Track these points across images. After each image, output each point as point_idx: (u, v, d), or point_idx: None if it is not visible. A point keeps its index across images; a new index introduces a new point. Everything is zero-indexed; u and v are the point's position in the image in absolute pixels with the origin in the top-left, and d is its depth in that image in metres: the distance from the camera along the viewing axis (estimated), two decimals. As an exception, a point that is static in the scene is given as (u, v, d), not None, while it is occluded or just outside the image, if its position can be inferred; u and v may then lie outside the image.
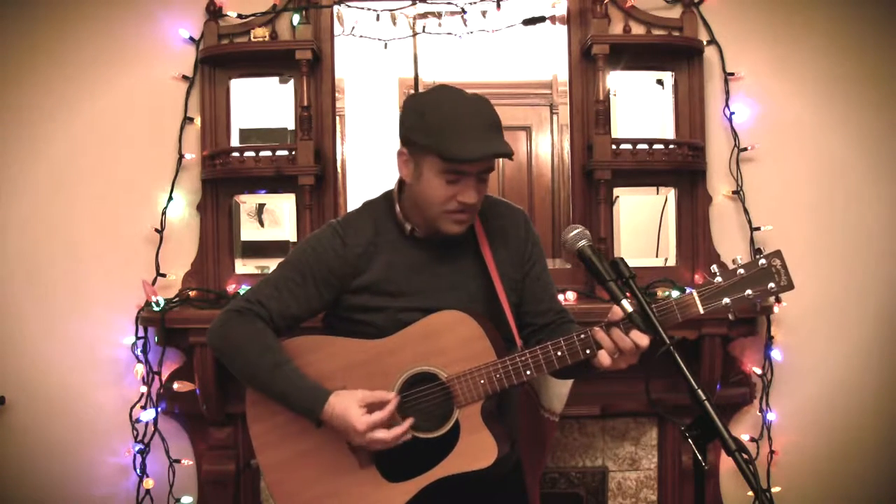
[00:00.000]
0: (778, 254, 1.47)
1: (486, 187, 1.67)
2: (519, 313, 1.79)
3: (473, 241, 1.74)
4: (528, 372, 1.60)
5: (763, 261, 1.47)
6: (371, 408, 1.61)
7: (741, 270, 1.47)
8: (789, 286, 1.46)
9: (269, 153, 2.63)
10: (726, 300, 1.47)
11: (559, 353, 1.58)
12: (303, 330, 1.77)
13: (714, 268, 1.49)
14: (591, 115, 2.66)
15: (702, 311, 1.48)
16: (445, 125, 1.57)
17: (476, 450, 1.62)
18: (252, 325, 1.70)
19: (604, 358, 1.54)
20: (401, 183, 1.74)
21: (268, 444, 1.75)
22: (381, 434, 1.59)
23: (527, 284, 1.79)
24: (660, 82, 2.84)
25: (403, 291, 1.70)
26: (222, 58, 2.67)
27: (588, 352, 1.56)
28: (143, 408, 2.68)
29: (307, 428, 1.68)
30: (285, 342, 1.73)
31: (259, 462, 1.76)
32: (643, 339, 1.50)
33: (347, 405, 1.61)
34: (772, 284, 1.46)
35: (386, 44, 2.98)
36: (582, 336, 1.56)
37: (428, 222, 1.68)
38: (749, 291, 1.47)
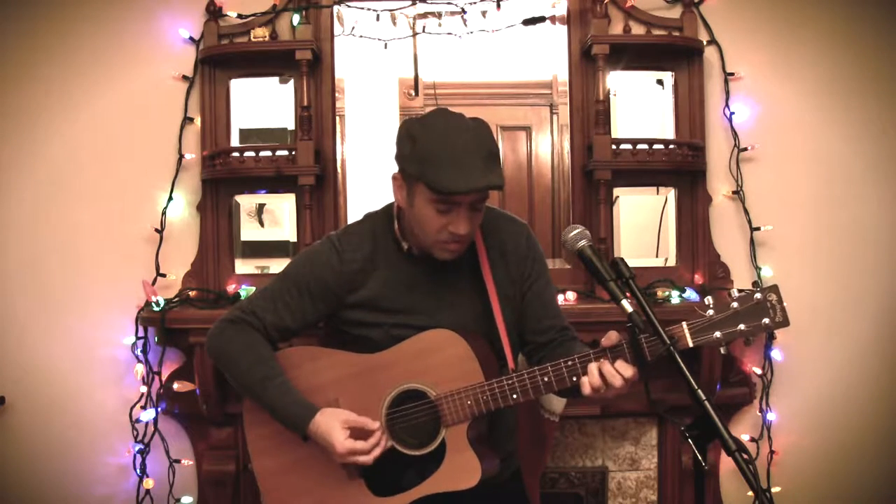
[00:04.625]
0: (774, 288, 1.45)
1: (480, 216, 1.65)
2: (520, 330, 1.79)
3: (473, 258, 1.73)
4: (515, 396, 1.60)
5: (759, 295, 1.44)
6: (354, 431, 1.62)
7: (735, 304, 1.45)
8: (784, 323, 1.44)
9: (269, 153, 2.62)
10: (717, 334, 1.45)
11: (545, 379, 1.57)
12: (302, 339, 1.78)
13: (708, 299, 1.47)
14: (591, 115, 2.66)
15: (691, 345, 1.47)
16: (435, 155, 1.55)
17: (460, 470, 1.62)
18: (246, 335, 1.72)
19: (585, 388, 1.53)
20: None
21: (262, 451, 1.77)
22: (361, 458, 1.62)
23: (527, 302, 1.77)
24: (660, 82, 2.84)
25: (399, 309, 1.71)
26: (222, 58, 2.67)
27: (574, 379, 1.55)
28: (143, 408, 2.68)
29: (298, 438, 1.69)
30: (281, 352, 1.75)
31: (253, 467, 1.77)
32: (627, 371, 1.49)
33: (331, 426, 1.62)
34: (766, 320, 1.44)
35: (386, 44, 2.99)
36: (569, 363, 1.55)
37: (422, 247, 1.69)
38: (742, 326, 1.44)
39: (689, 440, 1.37)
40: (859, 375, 2.79)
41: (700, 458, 1.38)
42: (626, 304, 1.45)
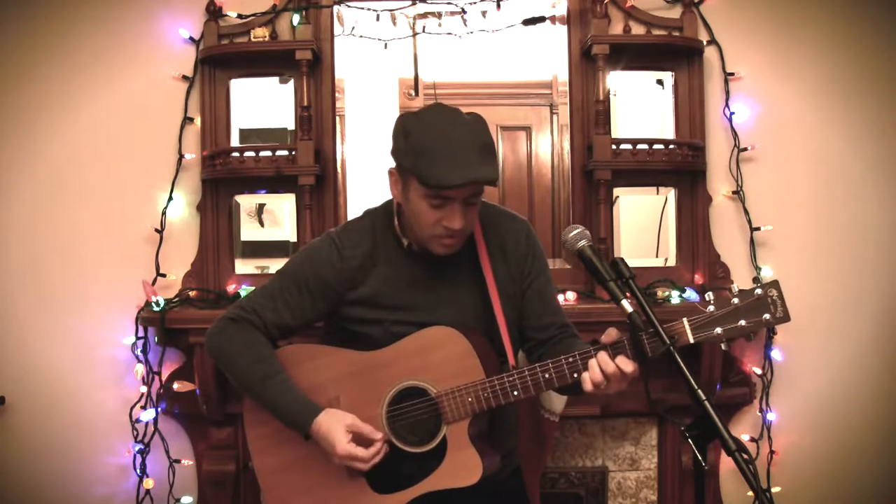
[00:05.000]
0: (775, 284, 1.45)
1: (476, 211, 1.65)
2: (520, 328, 1.79)
3: (473, 255, 1.73)
4: (516, 393, 1.59)
5: (759, 291, 1.45)
6: (357, 437, 1.62)
7: (736, 300, 1.46)
8: (785, 318, 1.44)
9: (269, 153, 2.62)
10: (718, 330, 1.46)
11: (546, 376, 1.57)
12: (301, 336, 1.77)
13: (709, 295, 1.48)
14: (591, 115, 2.66)
15: (692, 340, 1.48)
16: (428, 149, 1.54)
17: (461, 467, 1.62)
18: (246, 334, 1.71)
19: (586, 383, 1.52)
20: None
21: (263, 450, 1.76)
22: (359, 465, 1.62)
23: (527, 299, 1.77)
24: (660, 82, 2.84)
25: (399, 306, 1.70)
26: (222, 58, 2.67)
27: (575, 375, 1.55)
28: (143, 408, 2.68)
29: (298, 437, 1.69)
30: (281, 350, 1.75)
31: (254, 466, 1.77)
32: (628, 366, 1.49)
33: (334, 428, 1.62)
34: (767, 315, 1.44)
35: (386, 44, 2.99)
36: (570, 359, 1.55)
37: (419, 242, 1.69)
38: (743, 322, 1.45)
39: (689, 440, 1.38)
40: (859, 375, 2.79)
41: (700, 458, 1.38)
42: (626, 304, 1.45)
